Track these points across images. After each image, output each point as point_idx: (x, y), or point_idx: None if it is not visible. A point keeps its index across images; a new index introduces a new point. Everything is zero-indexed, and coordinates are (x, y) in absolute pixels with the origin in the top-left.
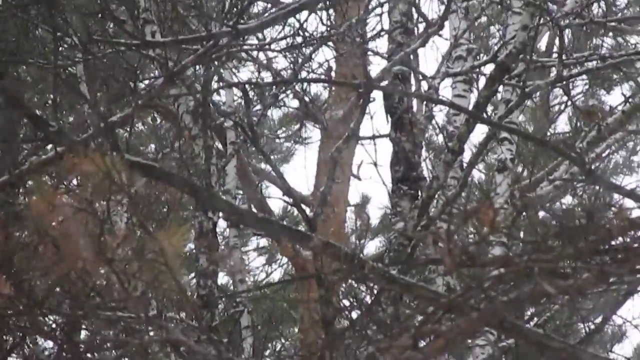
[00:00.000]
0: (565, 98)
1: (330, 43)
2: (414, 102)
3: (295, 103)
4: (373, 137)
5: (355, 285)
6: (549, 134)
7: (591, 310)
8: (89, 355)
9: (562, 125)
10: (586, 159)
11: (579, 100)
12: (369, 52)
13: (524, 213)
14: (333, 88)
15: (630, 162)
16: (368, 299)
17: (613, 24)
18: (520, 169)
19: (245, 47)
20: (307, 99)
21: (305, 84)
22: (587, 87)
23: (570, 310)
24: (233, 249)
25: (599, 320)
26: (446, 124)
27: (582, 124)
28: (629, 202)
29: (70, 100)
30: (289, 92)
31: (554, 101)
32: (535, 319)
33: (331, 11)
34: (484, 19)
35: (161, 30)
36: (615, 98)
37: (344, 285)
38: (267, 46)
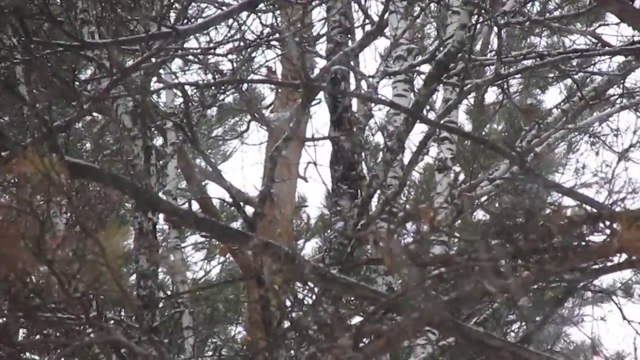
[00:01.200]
0: (501, 97)
1: (274, 44)
2: (354, 101)
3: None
4: (313, 139)
5: (296, 285)
6: (486, 132)
7: (531, 308)
8: (28, 356)
9: (500, 123)
10: (526, 157)
11: (514, 99)
12: (311, 53)
13: (464, 212)
14: (279, 90)
15: (569, 160)
16: (309, 299)
17: (555, 23)
18: (460, 168)
19: (193, 50)
20: (252, 100)
21: (248, 85)
22: (522, 86)
23: (510, 309)
24: (173, 250)
25: (539, 318)
26: (386, 124)
27: (521, 122)
28: (568, 201)
29: (9, 102)
30: (229, 92)
31: (491, 100)
32: (476, 317)
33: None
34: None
35: (99, 31)
36: (550, 97)
37: (285, 285)
38: (212, 50)
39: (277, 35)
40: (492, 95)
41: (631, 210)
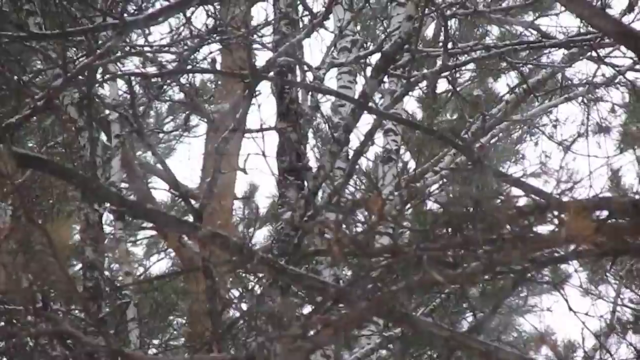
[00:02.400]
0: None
1: (215, 35)
2: (300, 92)
3: (180, 96)
4: (261, 130)
5: (245, 275)
6: (436, 123)
7: (480, 298)
8: None
9: (450, 114)
10: (473, 147)
11: (466, 88)
12: (255, 44)
13: (410, 202)
14: (219, 82)
15: (516, 150)
16: (257, 290)
17: (498, 15)
18: (407, 158)
19: (145, 47)
20: (192, 90)
21: (191, 76)
22: (474, 75)
23: (459, 299)
24: (119, 241)
25: (488, 309)
26: (332, 115)
27: (468, 113)
28: (516, 191)
29: None
30: (174, 84)
31: (442, 90)
32: (424, 307)
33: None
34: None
35: (45, 22)
36: (503, 85)
37: (233, 275)
38: (167, 48)
39: (221, 27)
40: (445, 84)
41: (578, 200)
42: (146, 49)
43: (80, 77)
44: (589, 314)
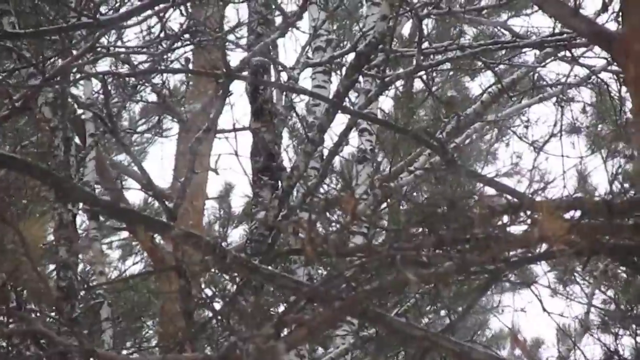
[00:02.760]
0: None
1: (189, 35)
2: (274, 92)
3: (153, 97)
4: (234, 130)
5: (218, 275)
6: (412, 122)
7: (454, 298)
8: None
9: (426, 114)
10: (447, 147)
11: (442, 89)
12: (229, 44)
13: (383, 202)
14: (190, 82)
15: (490, 150)
16: (231, 289)
17: (470, 15)
18: (380, 158)
19: (118, 47)
20: (165, 91)
21: (165, 77)
22: (450, 75)
23: (432, 299)
24: (93, 241)
25: (461, 308)
26: (306, 115)
27: (443, 113)
28: (489, 191)
29: None
30: (147, 85)
31: (417, 90)
32: (398, 307)
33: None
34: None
35: (19, 21)
36: (478, 86)
37: (206, 275)
38: (135, 48)
39: (195, 27)
40: (421, 84)
41: (552, 200)
42: (120, 49)
43: (56, 77)
44: (563, 315)
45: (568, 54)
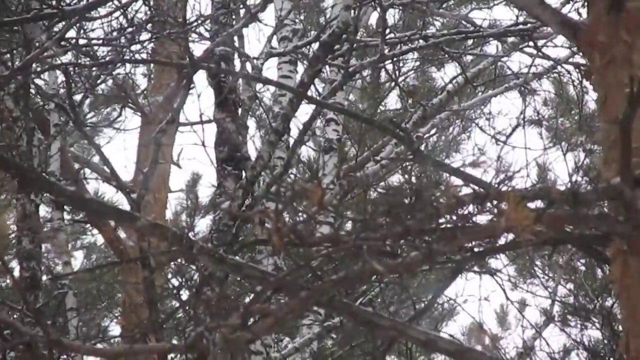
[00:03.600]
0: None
1: (152, 25)
2: (240, 82)
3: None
4: (201, 122)
5: (185, 265)
6: (379, 112)
7: (420, 288)
8: None
9: (393, 104)
10: (413, 137)
11: (408, 78)
12: (193, 34)
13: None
14: (152, 75)
15: (456, 140)
16: (197, 279)
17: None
18: (347, 148)
19: (81, 39)
20: (127, 83)
21: (129, 67)
22: (417, 64)
23: (399, 289)
24: (57, 231)
25: (428, 298)
26: (272, 104)
27: (408, 103)
28: (455, 180)
29: None
30: (109, 76)
31: (384, 80)
32: (364, 297)
33: None
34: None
35: None
36: (443, 76)
37: (172, 265)
38: (99, 40)
39: (158, 17)
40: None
41: (518, 189)
42: (83, 41)
43: (24, 72)
44: (527, 304)
45: (532, 44)
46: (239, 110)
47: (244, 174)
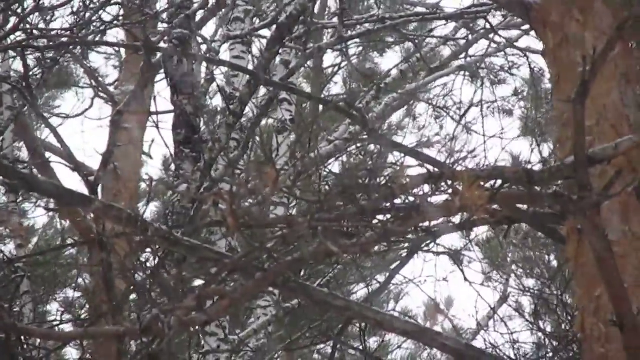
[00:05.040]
0: (338, 60)
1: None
2: (194, 64)
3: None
4: (169, 111)
5: (140, 247)
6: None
7: (375, 268)
8: None
9: (338, 87)
10: (367, 117)
11: (360, 59)
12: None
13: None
14: (124, 65)
15: (410, 120)
16: (153, 261)
17: None
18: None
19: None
20: (89, 66)
21: (86, 49)
22: (360, 49)
23: (354, 269)
24: (11, 214)
25: (382, 278)
26: (225, 86)
27: (359, 85)
28: (410, 161)
29: None
30: (68, 57)
31: (329, 63)
32: (320, 278)
33: None
34: None
35: None
36: (387, 61)
37: (127, 247)
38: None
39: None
40: (329, 57)
41: (472, 169)
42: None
43: None
44: (484, 284)
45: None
46: (196, 93)
47: (201, 156)
